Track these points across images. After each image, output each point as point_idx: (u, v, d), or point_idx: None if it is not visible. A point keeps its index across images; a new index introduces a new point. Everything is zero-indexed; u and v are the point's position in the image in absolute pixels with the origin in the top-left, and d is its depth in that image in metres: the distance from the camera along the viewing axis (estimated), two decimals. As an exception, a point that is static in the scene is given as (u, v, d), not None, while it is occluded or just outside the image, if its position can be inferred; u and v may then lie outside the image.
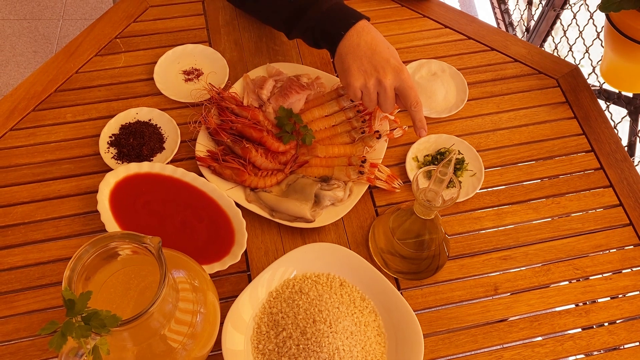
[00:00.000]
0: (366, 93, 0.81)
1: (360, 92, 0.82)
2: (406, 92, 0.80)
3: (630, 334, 0.77)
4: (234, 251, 0.78)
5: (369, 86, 0.80)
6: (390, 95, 0.81)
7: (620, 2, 0.82)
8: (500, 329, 0.77)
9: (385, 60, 0.79)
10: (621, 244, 0.84)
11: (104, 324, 0.51)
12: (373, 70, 0.80)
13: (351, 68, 0.80)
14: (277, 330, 0.71)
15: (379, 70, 0.79)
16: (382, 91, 0.81)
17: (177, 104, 0.94)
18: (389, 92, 0.80)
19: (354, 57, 0.80)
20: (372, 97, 0.82)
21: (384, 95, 0.81)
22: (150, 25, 1.04)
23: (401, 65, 0.80)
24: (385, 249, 0.79)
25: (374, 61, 0.79)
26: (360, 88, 0.81)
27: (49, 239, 0.81)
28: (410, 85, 0.80)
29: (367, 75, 0.80)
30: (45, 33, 2.08)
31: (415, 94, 0.80)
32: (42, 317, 0.75)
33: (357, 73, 0.80)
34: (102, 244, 0.56)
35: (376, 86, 0.80)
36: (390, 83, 0.80)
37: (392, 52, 0.81)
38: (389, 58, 0.80)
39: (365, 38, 0.80)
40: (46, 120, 0.92)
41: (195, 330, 0.63)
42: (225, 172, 0.84)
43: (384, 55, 0.80)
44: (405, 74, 0.80)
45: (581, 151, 0.93)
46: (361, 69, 0.80)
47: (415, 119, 0.82)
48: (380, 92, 0.81)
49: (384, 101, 0.82)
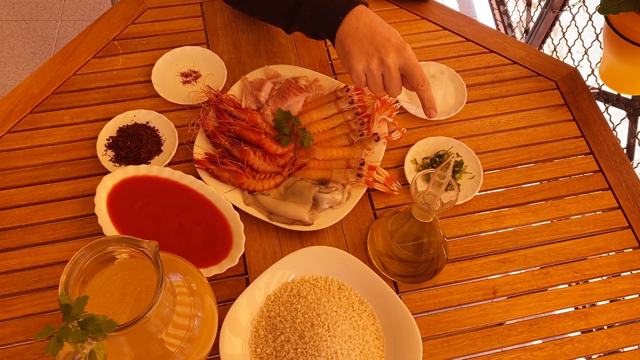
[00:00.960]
0: (370, 76, 0.79)
1: (363, 75, 0.79)
2: (411, 70, 0.78)
3: (630, 337, 0.77)
4: (232, 254, 0.78)
5: (371, 67, 0.78)
6: (395, 75, 0.78)
7: (619, 4, 0.82)
8: (499, 333, 0.76)
9: (387, 40, 0.77)
10: (620, 246, 0.84)
11: (101, 329, 0.51)
12: (374, 50, 0.77)
13: (352, 51, 0.78)
14: (275, 334, 0.71)
15: (381, 50, 0.77)
16: (386, 72, 0.78)
17: (175, 106, 0.93)
18: (394, 72, 0.78)
19: (353, 39, 0.78)
20: (376, 79, 0.79)
21: (389, 75, 0.78)
22: (148, 27, 1.03)
23: (403, 43, 0.78)
24: (384, 252, 0.79)
25: (374, 41, 0.77)
26: (364, 71, 0.79)
27: (46, 242, 0.81)
28: (414, 62, 0.77)
29: (368, 56, 0.77)
30: (44, 34, 2.07)
31: (421, 72, 0.78)
32: (39, 321, 0.75)
33: (359, 55, 0.78)
34: (99, 248, 0.55)
35: (379, 67, 0.78)
36: (393, 61, 0.77)
37: (393, 32, 0.79)
38: (390, 37, 0.77)
39: (364, 20, 0.78)
40: (43, 122, 0.91)
41: (193, 334, 0.63)
42: (223, 175, 0.84)
43: (385, 34, 0.77)
44: (409, 52, 0.77)
45: (580, 154, 0.92)
46: (362, 50, 0.78)
47: (423, 98, 0.80)
48: (384, 73, 0.78)
49: (390, 82, 0.79)
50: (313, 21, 0.84)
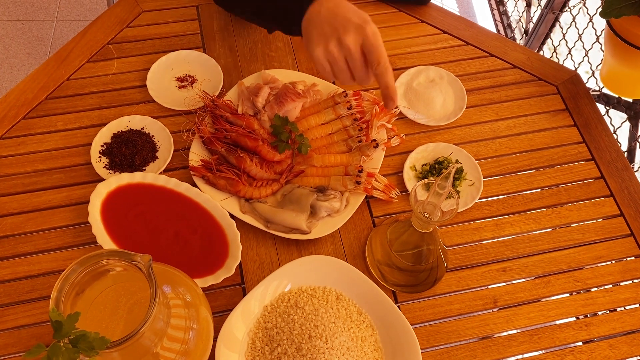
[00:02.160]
0: (332, 61, 0.72)
1: (325, 61, 0.73)
2: (368, 50, 0.70)
3: (632, 348, 0.76)
4: (228, 264, 0.77)
5: (331, 50, 0.71)
6: (357, 56, 0.71)
7: (620, 8, 0.81)
8: (500, 343, 0.75)
9: (347, 19, 0.70)
10: (622, 255, 0.83)
11: (93, 346, 0.50)
12: (333, 31, 0.71)
13: (312, 36, 0.73)
14: (272, 346, 0.70)
15: (339, 30, 0.70)
16: (347, 54, 0.71)
17: (171, 111, 0.92)
18: (355, 53, 0.70)
19: (314, 24, 0.73)
20: (340, 64, 0.72)
21: (351, 57, 0.71)
22: (143, 31, 1.02)
23: (366, 21, 0.71)
24: (383, 261, 0.78)
25: (335, 23, 0.71)
26: (324, 56, 0.72)
27: (39, 251, 0.79)
28: (373, 42, 0.70)
29: (326, 38, 0.71)
30: (39, 35, 2.06)
31: (379, 53, 0.70)
32: (32, 332, 0.73)
33: (318, 39, 0.72)
34: (91, 263, 0.54)
35: (339, 49, 0.71)
36: (352, 40, 0.70)
37: (358, 12, 0.72)
38: (351, 16, 0.71)
39: (327, 5, 0.73)
40: (36, 128, 0.90)
41: (188, 347, 0.62)
42: (220, 182, 0.83)
43: (347, 15, 0.71)
44: (368, 30, 0.70)
45: (581, 160, 0.91)
46: (321, 33, 0.72)
47: (380, 83, 0.72)
48: (346, 56, 0.71)
49: (354, 66, 0.71)
50: (284, 17, 0.80)
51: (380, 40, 0.71)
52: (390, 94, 0.72)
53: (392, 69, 0.72)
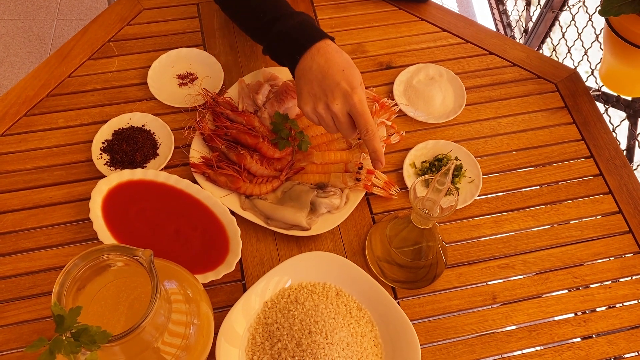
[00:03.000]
0: (320, 118, 0.77)
1: (314, 116, 0.77)
2: (355, 119, 0.74)
3: (630, 344, 0.76)
4: (229, 260, 0.77)
5: (319, 111, 0.75)
6: (343, 120, 0.75)
7: (619, 6, 0.81)
8: (499, 339, 0.76)
9: (335, 84, 0.74)
10: (620, 251, 0.83)
11: (94, 340, 0.50)
12: (322, 94, 0.75)
13: (302, 92, 0.76)
14: (272, 341, 0.70)
15: (328, 95, 0.74)
16: (334, 117, 0.75)
17: (171, 109, 0.92)
18: (341, 118, 0.75)
19: (305, 81, 0.76)
20: (327, 122, 0.76)
21: (337, 121, 0.75)
22: (144, 29, 1.02)
23: (353, 88, 0.74)
24: (382, 257, 0.78)
25: (323, 85, 0.74)
26: (312, 113, 0.77)
27: (40, 247, 0.80)
28: (359, 111, 0.73)
29: (316, 99, 0.75)
30: (40, 33, 2.06)
31: (366, 121, 0.74)
32: (33, 328, 0.74)
33: (307, 97, 0.76)
34: (92, 257, 0.54)
35: (327, 112, 0.75)
36: (339, 108, 0.74)
37: (346, 75, 0.74)
38: (340, 81, 0.74)
39: (319, 61, 0.75)
40: (38, 125, 0.90)
41: (189, 342, 0.62)
42: (220, 179, 0.83)
43: (336, 78, 0.74)
44: (355, 99, 0.73)
45: (580, 157, 0.92)
46: (311, 93, 0.75)
47: (368, 148, 0.77)
48: (333, 117, 0.76)
49: (340, 127, 0.76)
50: (276, 51, 0.81)
51: (367, 107, 0.74)
52: (378, 157, 0.77)
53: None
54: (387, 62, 1.01)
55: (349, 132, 0.77)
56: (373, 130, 0.75)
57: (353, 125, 0.76)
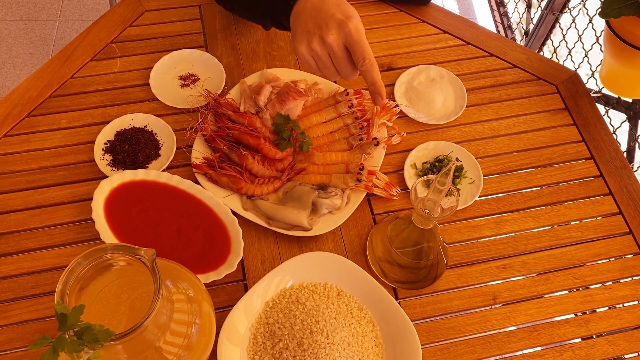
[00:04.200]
0: (316, 58, 0.72)
1: (310, 57, 0.72)
2: (351, 47, 0.69)
3: (630, 345, 0.76)
4: (230, 260, 0.77)
5: (314, 48, 0.71)
6: (340, 54, 0.70)
7: (620, 8, 0.81)
8: (499, 339, 0.76)
9: (330, 16, 0.69)
10: (621, 252, 0.83)
11: (97, 338, 0.50)
12: (316, 28, 0.70)
13: (296, 33, 0.72)
14: (274, 341, 0.70)
15: (322, 27, 0.70)
16: (330, 52, 0.71)
17: (173, 110, 0.93)
18: (337, 51, 0.70)
19: (299, 21, 0.72)
20: (324, 61, 0.72)
21: (334, 56, 0.71)
22: (146, 30, 1.03)
23: (349, 16, 0.69)
24: (383, 257, 0.79)
25: (318, 19, 0.70)
26: (308, 52, 0.72)
27: (42, 247, 0.80)
28: (355, 38, 0.69)
29: (310, 35, 0.71)
30: (42, 35, 2.07)
31: (363, 49, 0.69)
32: (36, 327, 0.74)
33: (301, 36, 0.72)
34: (95, 256, 0.55)
35: (322, 47, 0.71)
36: (334, 38, 0.69)
37: (341, 8, 0.70)
38: (334, 13, 0.69)
39: (313, 1, 0.72)
40: (40, 126, 0.91)
41: (191, 342, 0.62)
42: (222, 180, 0.83)
43: (330, 11, 0.70)
44: (351, 26, 0.69)
45: (581, 158, 0.92)
46: (305, 30, 0.71)
47: (366, 79, 0.72)
48: (330, 53, 0.71)
49: (337, 63, 0.71)
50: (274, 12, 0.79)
51: (364, 35, 0.70)
52: (377, 90, 0.73)
53: (379, 67, 0.71)
54: (388, 63, 1.01)
55: (348, 68, 0.72)
56: (371, 59, 0.70)
57: (352, 62, 0.72)
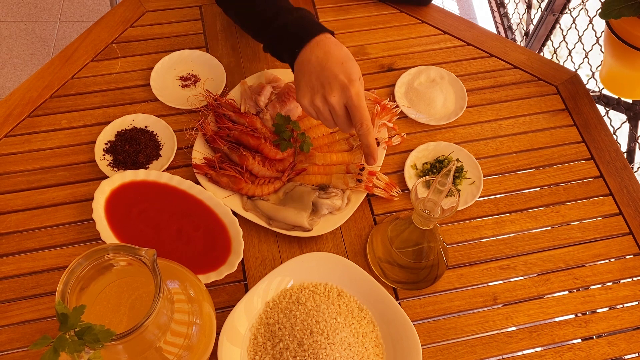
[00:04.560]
0: (318, 111, 0.76)
1: (312, 109, 0.76)
2: (351, 111, 0.74)
3: (630, 345, 0.76)
4: (231, 260, 0.77)
5: (316, 104, 0.75)
6: (340, 114, 0.74)
7: (620, 8, 0.81)
8: (500, 340, 0.76)
9: (333, 76, 0.73)
10: (621, 253, 0.83)
11: (98, 338, 0.50)
12: (320, 86, 0.74)
13: (300, 84, 0.76)
14: (274, 341, 0.70)
15: (325, 87, 0.74)
16: (331, 109, 0.75)
17: (174, 110, 0.93)
18: (338, 111, 0.74)
19: (303, 73, 0.76)
20: (325, 115, 0.76)
21: (335, 113, 0.75)
22: (147, 31, 1.03)
23: (351, 81, 0.73)
24: (384, 258, 0.79)
25: (321, 77, 0.74)
26: (310, 106, 0.76)
27: (43, 247, 0.80)
28: (356, 104, 0.73)
29: (313, 91, 0.75)
30: (43, 35, 2.07)
31: (361, 115, 0.73)
32: (36, 327, 0.74)
33: (305, 90, 0.75)
34: (96, 257, 0.55)
35: (324, 104, 0.75)
36: (336, 100, 0.73)
37: (345, 68, 0.74)
38: (338, 73, 0.73)
39: (318, 54, 0.75)
40: (41, 126, 0.91)
41: (191, 342, 0.62)
42: (222, 180, 0.83)
43: (334, 70, 0.73)
44: (353, 91, 0.73)
45: (581, 159, 0.92)
46: (308, 85, 0.75)
47: (361, 142, 0.76)
48: (330, 110, 0.75)
49: (337, 120, 0.76)
50: (275, 47, 0.82)
51: (364, 100, 0.74)
52: (371, 152, 0.77)
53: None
54: (389, 64, 1.01)
55: (347, 125, 0.76)
56: (368, 124, 0.74)
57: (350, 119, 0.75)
